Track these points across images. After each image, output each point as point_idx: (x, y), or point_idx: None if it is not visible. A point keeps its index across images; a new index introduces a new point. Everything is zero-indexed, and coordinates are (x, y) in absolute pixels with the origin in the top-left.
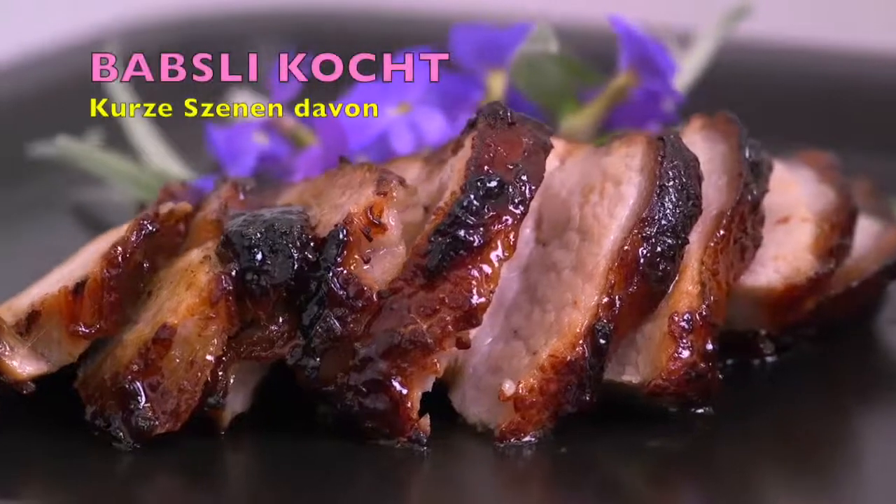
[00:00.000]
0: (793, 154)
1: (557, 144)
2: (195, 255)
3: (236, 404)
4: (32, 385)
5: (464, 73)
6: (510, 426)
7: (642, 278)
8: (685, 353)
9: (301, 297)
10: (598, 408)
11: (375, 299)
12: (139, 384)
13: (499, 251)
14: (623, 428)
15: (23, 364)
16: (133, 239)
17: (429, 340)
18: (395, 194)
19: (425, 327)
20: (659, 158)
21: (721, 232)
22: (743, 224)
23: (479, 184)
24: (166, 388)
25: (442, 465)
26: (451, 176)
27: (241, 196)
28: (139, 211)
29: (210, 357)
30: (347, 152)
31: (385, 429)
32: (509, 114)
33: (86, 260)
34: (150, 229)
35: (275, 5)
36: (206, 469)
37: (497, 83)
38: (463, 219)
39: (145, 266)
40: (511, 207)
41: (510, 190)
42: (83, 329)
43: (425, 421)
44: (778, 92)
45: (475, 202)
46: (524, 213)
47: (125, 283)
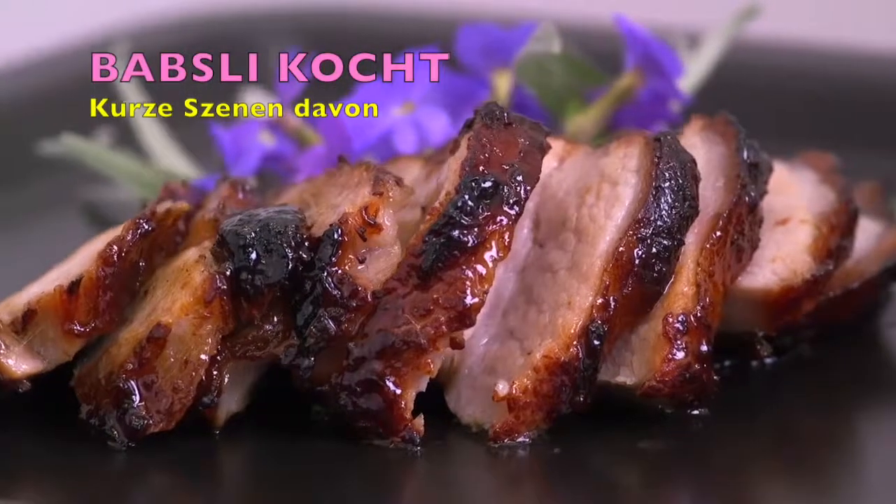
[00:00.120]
0: (800, 154)
1: (556, 145)
2: (191, 255)
3: (231, 404)
4: (28, 383)
5: (470, 73)
6: (504, 426)
7: (637, 279)
8: (679, 355)
9: (296, 297)
10: (594, 408)
11: (370, 299)
12: (133, 383)
13: (493, 251)
14: (618, 429)
15: (18, 362)
16: (129, 238)
17: (422, 341)
18: (392, 194)
19: (419, 327)
20: (655, 159)
21: (717, 233)
22: (740, 225)
23: (474, 184)
24: (160, 388)
25: (436, 465)
26: (447, 176)
27: (241, 195)
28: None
29: (204, 356)
30: (351, 152)
31: (379, 428)
32: (506, 114)
33: (83, 259)
34: (146, 228)
35: (287, 5)
36: (201, 468)
37: (503, 83)
38: (457, 219)
39: (141, 265)
40: (506, 208)
41: (505, 190)
42: (78, 328)
43: (419, 421)
44: (787, 92)
45: (469, 202)
46: (519, 214)
47: (121, 282)
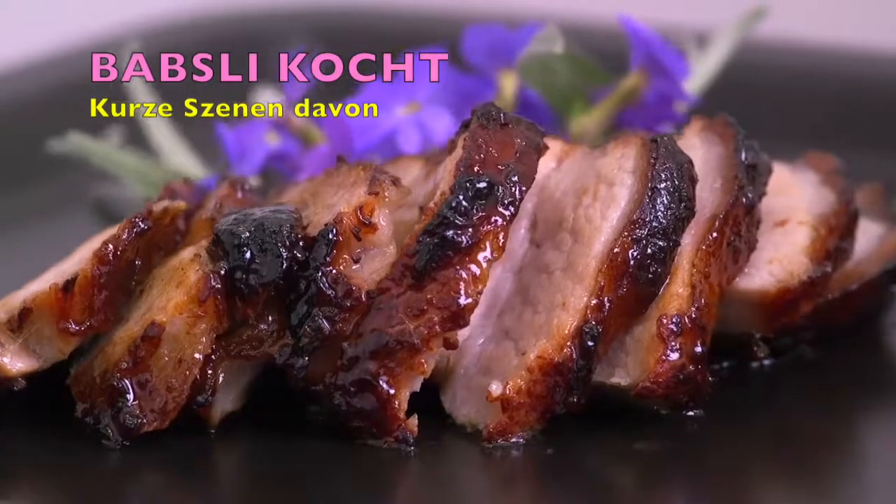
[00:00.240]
0: (805, 155)
1: (554, 145)
2: (186, 254)
3: (226, 403)
4: (23, 381)
5: (476, 73)
6: (497, 427)
7: (632, 280)
8: (673, 356)
9: (290, 297)
10: (588, 409)
11: (364, 299)
12: (128, 382)
13: (487, 252)
14: (612, 430)
15: (13, 360)
16: (124, 237)
17: (416, 341)
18: (387, 194)
19: (412, 327)
20: (651, 160)
21: (714, 234)
22: (737, 227)
23: (469, 184)
24: (154, 386)
25: (429, 465)
26: (443, 176)
27: (240, 194)
28: None
29: (198, 355)
30: (355, 152)
31: (372, 428)
32: (502, 115)
33: (80, 257)
34: (143, 227)
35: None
36: (196, 467)
37: (509, 83)
38: (451, 219)
39: (137, 264)
40: (500, 208)
41: (500, 191)
42: (73, 326)
43: (413, 421)
44: (795, 93)
45: (464, 203)
46: (514, 214)
47: (116, 281)
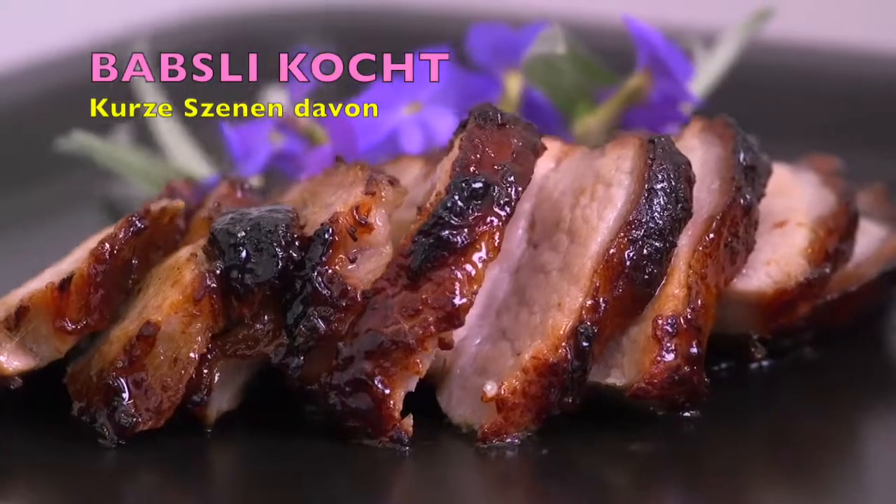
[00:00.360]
0: (807, 156)
1: (553, 146)
2: (183, 253)
3: (222, 402)
4: (19, 380)
5: (481, 73)
6: (492, 427)
7: (628, 281)
8: (669, 357)
9: (286, 296)
10: (584, 410)
11: (360, 299)
12: (123, 381)
13: (483, 252)
14: (608, 430)
15: (10, 359)
16: (121, 235)
17: (411, 341)
18: (384, 194)
19: (408, 328)
20: (649, 161)
21: (711, 235)
22: (734, 228)
23: (464, 185)
24: (150, 385)
25: (424, 465)
26: (440, 177)
27: (239, 194)
28: None
29: (194, 354)
30: (358, 152)
31: (367, 428)
32: (500, 115)
33: (77, 256)
34: (139, 226)
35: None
36: (191, 467)
37: (514, 83)
38: (447, 219)
39: (134, 263)
40: (496, 209)
41: (496, 191)
42: (69, 325)
43: (408, 421)
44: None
45: (459, 203)
46: (510, 215)
47: (113, 280)
